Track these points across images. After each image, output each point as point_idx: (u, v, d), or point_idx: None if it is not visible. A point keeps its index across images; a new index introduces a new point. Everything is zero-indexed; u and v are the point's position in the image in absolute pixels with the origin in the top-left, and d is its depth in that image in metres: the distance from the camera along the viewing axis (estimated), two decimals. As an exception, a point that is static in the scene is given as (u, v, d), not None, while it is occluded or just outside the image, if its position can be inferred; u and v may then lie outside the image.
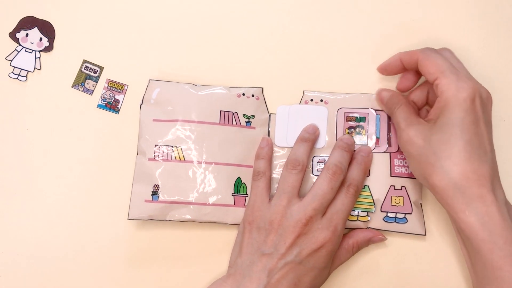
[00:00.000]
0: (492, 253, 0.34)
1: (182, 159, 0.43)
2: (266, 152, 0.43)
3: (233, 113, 0.44)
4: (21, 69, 0.47)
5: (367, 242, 0.42)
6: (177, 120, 0.44)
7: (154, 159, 0.43)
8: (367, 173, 0.43)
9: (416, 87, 0.44)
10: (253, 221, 0.40)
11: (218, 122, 0.44)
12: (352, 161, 0.43)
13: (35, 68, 0.47)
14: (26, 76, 0.46)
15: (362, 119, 0.45)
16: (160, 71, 0.46)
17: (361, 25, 0.48)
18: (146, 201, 0.42)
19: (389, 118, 0.44)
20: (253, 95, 0.45)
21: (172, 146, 0.43)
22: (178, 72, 0.46)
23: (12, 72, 0.46)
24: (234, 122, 0.44)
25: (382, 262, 0.44)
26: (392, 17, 0.48)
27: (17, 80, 0.46)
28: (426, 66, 0.39)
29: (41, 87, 0.46)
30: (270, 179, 0.43)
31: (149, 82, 0.45)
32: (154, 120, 0.44)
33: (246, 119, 0.45)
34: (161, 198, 0.42)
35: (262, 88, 0.46)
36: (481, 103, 0.37)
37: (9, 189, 0.45)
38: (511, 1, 0.48)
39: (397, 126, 0.40)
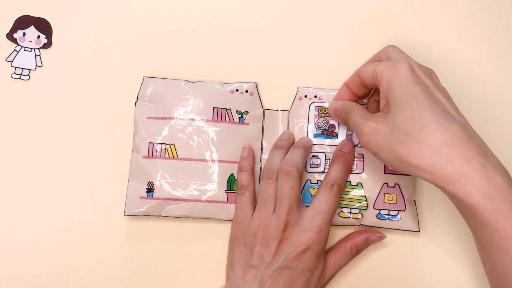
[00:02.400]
0: (498, 222, 0.30)
1: (175, 156, 0.43)
2: (249, 163, 0.43)
3: (226, 110, 0.44)
4: (23, 68, 0.47)
5: (366, 242, 0.42)
6: (170, 118, 0.44)
7: (148, 156, 0.44)
8: (350, 169, 0.43)
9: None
10: (240, 236, 0.41)
11: (211, 119, 0.44)
12: (334, 159, 0.42)
13: (36, 66, 0.47)
14: (28, 74, 0.47)
15: None
16: (157, 67, 0.46)
17: (355, 21, 0.47)
18: (141, 197, 0.43)
19: None
20: (247, 91, 0.45)
21: (165, 144, 0.44)
22: (175, 68, 0.46)
23: (14, 73, 0.47)
24: (227, 119, 0.44)
25: (377, 259, 0.44)
26: (387, 14, 0.47)
27: (20, 79, 0.47)
28: (363, 72, 0.38)
29: (44, 84, 0.47)
30: (254, 191, 0.43)
31: (143, 79, 0.45)
32: (148, 117, 0.44)
33: (240, 116, 0.44)
34: (155, 195, 0.43)
35: (257, 83, 0.46)
36: (423, 73, 0.36)
37: (9, 189, 0.45)
38: (510, 1, 0.46)
39: (356, 125, 0.38)
